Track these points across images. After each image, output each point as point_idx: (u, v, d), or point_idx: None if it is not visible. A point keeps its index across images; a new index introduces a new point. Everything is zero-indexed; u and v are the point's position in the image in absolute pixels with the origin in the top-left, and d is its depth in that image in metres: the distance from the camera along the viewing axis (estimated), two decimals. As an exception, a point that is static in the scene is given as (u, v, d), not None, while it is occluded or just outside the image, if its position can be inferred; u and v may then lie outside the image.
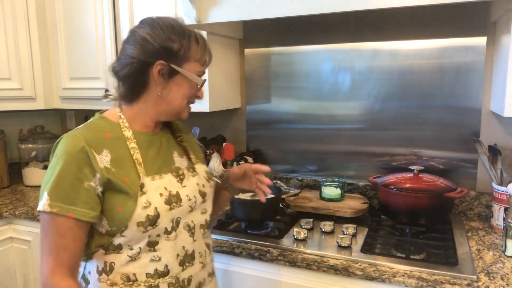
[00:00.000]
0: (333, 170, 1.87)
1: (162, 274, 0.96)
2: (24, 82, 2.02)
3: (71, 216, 0.87)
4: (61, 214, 0.87)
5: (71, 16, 1.98)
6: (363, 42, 1.73)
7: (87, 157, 0.89)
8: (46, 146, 2.28)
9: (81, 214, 0.88)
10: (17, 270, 1.89)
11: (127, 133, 0.98)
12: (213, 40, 1.76)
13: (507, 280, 1.13)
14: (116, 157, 0.93)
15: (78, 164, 0.89)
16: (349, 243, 1.34)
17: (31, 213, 1.79)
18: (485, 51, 1.56)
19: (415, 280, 1.14)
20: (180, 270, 0.99)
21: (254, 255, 1.35)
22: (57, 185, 0.88)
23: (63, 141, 0.92)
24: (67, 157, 0.89)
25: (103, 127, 0.97)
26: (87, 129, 0.95)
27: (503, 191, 1.46)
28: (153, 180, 0.96)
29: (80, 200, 0.88)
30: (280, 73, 1.91)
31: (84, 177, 0.89)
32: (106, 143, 0.94)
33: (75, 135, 0.91)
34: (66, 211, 0.87)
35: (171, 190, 0.98)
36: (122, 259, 0.94)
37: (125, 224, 0.91)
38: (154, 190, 0.95)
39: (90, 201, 0.89)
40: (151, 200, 0.93)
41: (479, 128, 1.60)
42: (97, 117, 1.01)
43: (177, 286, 0.98)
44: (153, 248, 0.95)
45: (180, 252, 0.99)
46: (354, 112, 1.78)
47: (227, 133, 2.09)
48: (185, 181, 1.03)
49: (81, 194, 0.88)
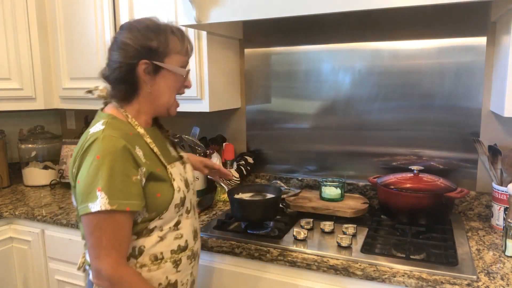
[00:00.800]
0: (333, 170, 1.87)
1: (183, 248, 1.10)
2: (24, 82, 2.02)
3: (128, 209, 0.95)
4: (119, 210, 0.94)
5: (71, 16, 1.99)
6: (363, 42, 1.73)
7: (130, 154, 0.97)
8: (46, 146, 2.28)
9: (136, 205, 0.97)
10: (17, 270, 1.89)
11: (140, 130, 1.06)
12: (213, 40, 1.76)
13: (507, 280, 1.13)
14: (145, 151, 1.03)
15: (124, 161, 0.95)
16: (349, 243, 1.34)
17: (31, 213, 1.79)
18: (485, 51, 1.56)
19: (415, 280, 1.14)
20: (193, 243, 1.14)
21: (254, 255, 1.35)
22: (110, 184, 0.93)
23: (101, 142, 0.95)
24: (112, 156, 0.94)
25: (123, 126, 1.03)
26: (114, 128, 1.00)
27: (503, 191, 1.46)
28: (172, 168, 1.09)
29: (132, 193, 0.96)
30: (280, 73, 1.91)
31: (130, 173, 0.96)
32: (133, 140, 1.01)
33: (112, 136, 0.97)
34: (123, 206, 0.94)
35: (183, 175, 1.12)
36: (153, 241, 1.04)
37: (166, 207, 1.03)
38: (177, 176, 1.08)
39: (139, 193, 0.98)
40: (179, 184, 1.07)
41: (479, 128, 1.60)
42: (110, 116, 1.04)
43: (192, 257, 1.14)
44: (177, 227, 1.08)
45: (194, 228, 1.15)
46: (354, 112, 1.78)
47: (227, 133, 2.09)
48: (187, 168, 1.18)
49: (131, 188, 0.96)
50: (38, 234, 1.80)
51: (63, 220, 1.71)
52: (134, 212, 0.98)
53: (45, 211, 1.82)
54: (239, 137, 2.06)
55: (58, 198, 2.03)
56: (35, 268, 1.85)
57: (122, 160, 0.95)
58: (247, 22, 1.94)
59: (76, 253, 1.70)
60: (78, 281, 1.73)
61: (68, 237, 1.72)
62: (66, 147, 2.24)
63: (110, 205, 0.92)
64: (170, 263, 1.07)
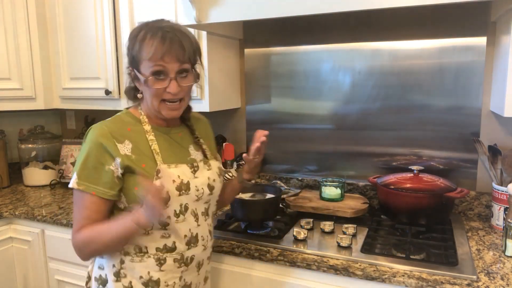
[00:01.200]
0: (333, 170, 1.87)
1: (170, 249, 1.09)
2: (24, 82, 2.02)
3: (94, 194, 1.04)
4: (86, 192, 1.04)
5: (71, 16, 1.98)
6: (363, 42, 1.73)
7: (108, 144, 1.04)
8: (46, 146, 2.28)
9: (102, 192, 1.04)
10: (17, 270, 1.89)
11: (146, 127, 1.12)
12: (213, 40, 1.76)
13: (507, 280, 1.13)
14: (136, 146, 1.08)
15: (100, 150, 1.04)
16: (349, 243, 1.34)
17: (31, 213, 1.79)
18: (485, 51, 1.56)
19: (415, 280, 1.14)
20: (185, 248, 1.12)
21: (254, 255, 1.35)
22: (83, 166, 1.05)
23: (91, 130, 1.07)
24: (91, 144, 1.05)
25: (127, 121, 1.12)
26: (112, 121, 1.11)
27: (503, 191, 1.46)
28: (169, 167, 1.09)
29: (101, 180, 1.04)
30: (280, 73, 1.91)
31: (105, 162, 1.04)
32: (127, 135, 1.08)
33: (101, 126, 1.07)
34: (90, 189, 1.04)
35: (183, 179, 1.10)
36: None
37: (141, 203, 1.01)
38: (168, 176, 1.07)
39: (109, 182, 1.04)
40: (164, 184, 1.02)
41: (479, 128, 1.60)
42: (124, 111, 1.16)
43: (181, 261, 1.12)
44: (164, 226, 1.08)
45: (187, 233, 1.12)
46: (354, 112, 1.78)
47: (227, 133, 2.09)
48: (198, 173, 1.15)
49: (102, 175, 1.04)
50: (38, 234, 1.80)
51: (63, 220, 1.71)
52: (104, 199, 1.05)
53: (45, 211, 1.82)
54: (239, 137, 2.06)
55: (58, 198, 2.03)
56: (35, 268, 1.85)
57: (99, 148, 1.04)
58: (247, 22, 1.94)
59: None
60: (78, 281, 1.73)
61: (68, 237, 1.72)
62: (66, 147, 2.24)
63: (77, 185, 1.04)
64: (153, 259, 1.08)
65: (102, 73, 1.95)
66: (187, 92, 1.10)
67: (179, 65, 1.05)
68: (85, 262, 1.14)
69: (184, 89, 1.08)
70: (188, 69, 1.08)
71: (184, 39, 1.04)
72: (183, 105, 1.11)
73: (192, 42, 1.07)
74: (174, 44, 1.03)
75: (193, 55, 1.09)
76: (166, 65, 1.03)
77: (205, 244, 1.17)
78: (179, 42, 1.03)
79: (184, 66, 1.06)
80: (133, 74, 1.09)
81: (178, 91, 1.06)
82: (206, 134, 1.29)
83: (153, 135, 1.11)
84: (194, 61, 1.11)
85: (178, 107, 1.10)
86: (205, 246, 1.17)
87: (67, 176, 2.19)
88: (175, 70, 1.04)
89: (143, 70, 1.05)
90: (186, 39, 1.05)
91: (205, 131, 1.29)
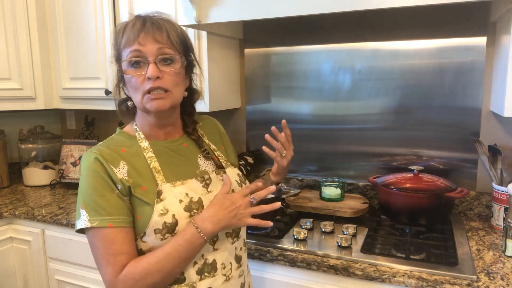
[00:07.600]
0: (333, 170, 1.87)
1: (178, 280, 0.93)
2: (24, 82, 2.03)
3: (111, 226, 0.89)
4: (101, 227, 0.89)
5: (71, 16, 1.99)
6: (363, 42, 1.73)
7: (104, 170, 0.91)
8: (46, 146, 2.28)
9: (119, 220, 0.89)
10: (17, 270, 1.89)
11: (143, 144, 0.99)
12: (213, 40, 1.75)
13: (507, 280, 1.13)
14: (132, 168, 0.94)
15: (97, 177, 0.90)
16: (349, 243, 1.34)
17: (31, 213, 1.79)
18: (485, 51, 1.56)
19: (415, 280, 1.14)
20: (197, 278, 0.94)
21: (254, 255, 1.35)
22: (89, 200, 0.90)
23: (83, 158, 0.94)
24: (87, 173, 0.91)
25: (121, 142, 0.99)
26: (104, 145, 0.97)
27: (503, 191, 1.46)
28: (174, 186, 0.95)
29: (114, 208, 0.90)
30: (280, 73, 1.91)
31: (108, 187, 0.90)
32: (122, 157, 0.95)
33: (92, 152, 0.94)
34: (105, 222, 0.88)
35: (192, 196, 0.95)
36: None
37: (144, 231, 0.91)
38: (173, 196, 0.93)
39: (123, 207, 0.91)
40: (169, 207, 0.91)
41: (479, 128, 1.60)
42: (117, 132, 1.04)
43: None
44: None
45: (199, 260, 0.94)
46: (354, 112, 1.78)
47: (227, 133, 2.07)
48: (211, 186, 1.01)
49: (113, 202, 0.90)
50: (38, 234, 1.80)
51: (63, 220, 1.71)
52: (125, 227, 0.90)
53: (45, 211, 1.82)
54: (239, 137, 2.06)
55: (58, 198, 2.03)
56: (35, 268, 1.85)
57: (100, 175, 0.91)
58: (247, 22, 1.94)
59: (76, 253, 1.70)
60: (78, 281, 1.73)
61: (68, 237, 1.72)
62: (66, 147, 2.24)
63: (90, 223, 0.88)
64: None
65: (102, 73, 1.95)
66: (173, 83, 0.94)
67: (158, 47, 0.92)
68: (85, 262, 1.08)
69: (167, 79, 0.93)
70: (172, 55, 0.94)
71: (166, 24, 0.95)
72: (169, 97, 0.94)
73: (176, 28, 0.97)
74: (153, 26, 0.93)
75: (178, 41, 0.96)
76: (142, 48, 0.91)
77: (226, 274, 0.97)
78: (157, 24, 0.93)
79: (166, 50, 0.93)
80: (119, 76, 0.99)
81: (157, 74, 0.91)
82: (217, 135, 1.17)
83: (152, 152, 0.98)
84: (182, 50, 0.97)
85: (162, 96, 0.93)
86: (227, 276, 0.97)
87: (67, 176, 2.20)
88: (153, 53, 0.91)
89: (124, 65, 0.94)
90: (168, 24, 0.95)
91: (214, 132, 1.17)
